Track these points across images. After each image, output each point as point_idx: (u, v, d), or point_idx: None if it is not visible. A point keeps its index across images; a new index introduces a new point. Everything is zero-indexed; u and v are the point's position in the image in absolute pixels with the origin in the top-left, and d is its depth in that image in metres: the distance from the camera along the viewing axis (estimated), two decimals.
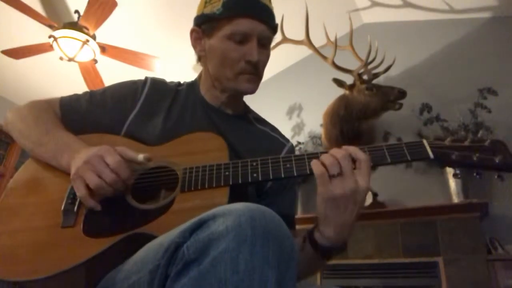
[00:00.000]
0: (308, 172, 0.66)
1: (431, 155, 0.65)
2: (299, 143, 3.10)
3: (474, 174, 0.68)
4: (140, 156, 0.69)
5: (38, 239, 0.66)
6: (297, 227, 0.92)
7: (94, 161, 0.65)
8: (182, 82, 0.96)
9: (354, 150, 0.63)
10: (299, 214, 2.60)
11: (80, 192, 0.65)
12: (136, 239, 0.62)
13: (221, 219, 0.45)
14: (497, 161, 0.62)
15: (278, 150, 0.92)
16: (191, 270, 0.43)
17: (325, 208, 0.63)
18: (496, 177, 0.66)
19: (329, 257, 0.68)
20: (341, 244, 0.66)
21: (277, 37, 2.68)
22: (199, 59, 0.91)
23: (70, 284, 0.63)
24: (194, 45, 0.88)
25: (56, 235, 0.66)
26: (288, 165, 0.68)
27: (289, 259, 0.46)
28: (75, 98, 0.88)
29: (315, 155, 0.67)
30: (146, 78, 0.91)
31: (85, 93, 0.89)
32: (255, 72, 0.83)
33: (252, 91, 0.85)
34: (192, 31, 0.87)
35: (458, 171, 2.12)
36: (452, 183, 2.25)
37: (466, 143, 0.65)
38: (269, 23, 0.82)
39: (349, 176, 0.61)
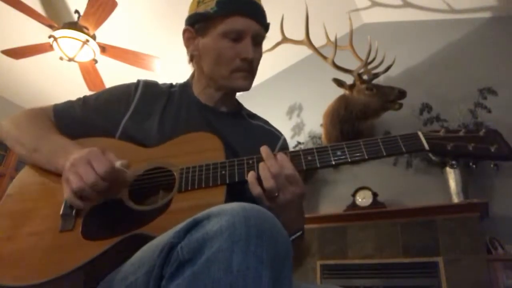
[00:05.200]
0: (304, 167, 0.67)
1: (426, 146, 0.65)
2: (299, 143, 3.10)
3: (471, 163, 0.68)
4: (118, 163, 0.68)
5: (38, 243, 0.66)
6: None
7: (79, 163, 0.65)
8: (174, 83, 0.97)
9: (282, 167, 0.65)
10: None
11: (66, 194, 0.65)
12: (135, 240, 0.62)
13: (215, 219, 0.45)
14: (492, 150, 0.62)
15: (273, 144, 0.93)
16: (185, 270, 0.43)
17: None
18: (492, 165, 0.67)
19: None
20: (298, 228, 0.74)
21: (277, 37, 2.68)
22: (191, 59, 0.92)
23: (70, 287, 0.63)
24: (187, 44, 0.89)
25: (56, 239, 0.66)
26: None
27: (284, 258, 0.46)
28: (68, 104, 0.89)
29: (310, 151, 0.68)
30: (139, 81, 0.92)
31: (79, 99, 0.90)
32: (249, 69, 0.84)
33: (247, 88, 0.86)
34: (184, 31, 0.88)
35: (454, 162, 2.12)
36: (452, 183, 2.25)
37: (461, 133, 0.65)
38: (262, 21, 0.84)
39: (286, 191, 0.65)
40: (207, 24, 0.82)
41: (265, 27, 0.86)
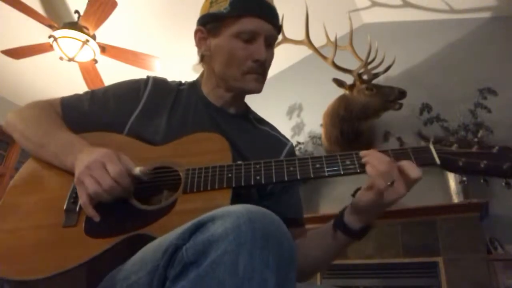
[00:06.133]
0: (312, 176, 0.66)
1: (437, 161, 0.64)
2: (299, 143, 3.10)
3: (482, 180, 0.67)
4: (137, 170, 0.68)
5: (40, 238, 0.66)
6: None
7: (94, 166, 0.65)
8: (183, 81, 0.96)
9: (406, 164, 0.64)
10: None
11: (82, 199, 0.65)
12: (138, 240, 0.61)
13: (220, 221, 0.45)
14: (504, 168, 0.60)
15: (279, 150, 0.92)
16: (190, 272, 0.43)
17: (372, 207, 0.65)
18: (503, 184, 0.65)
19: (361, 237, 0.71)
20: (371, 223, 0.70)
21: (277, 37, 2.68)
22: (202, 59, 0.91)
23: (71, 284, 0.63)
24: (199, 45, 0.88)
25: (58, 235, 0.66)
26: (291, 168, 0.68)
27: (289, 261, 0.46)
28: (76, 98, 0.87)
29: (319, 159, 0.68)
30: (148, 77, 0.91)
31: (86, 93, 0.88)
32: (261, 71, 0.83)
33: (258, 91, 0.85)
34: (196, 31, 0.87)
35: (464, 178, 2.10)
36: (452, 183, 2.25)
37: (474, 149, 0.64)
38: (275, 23, 0.84)
39: (401, 184, 0.63)
40: (219, 24, 0.82)
41: (278, 28, 0.85)
